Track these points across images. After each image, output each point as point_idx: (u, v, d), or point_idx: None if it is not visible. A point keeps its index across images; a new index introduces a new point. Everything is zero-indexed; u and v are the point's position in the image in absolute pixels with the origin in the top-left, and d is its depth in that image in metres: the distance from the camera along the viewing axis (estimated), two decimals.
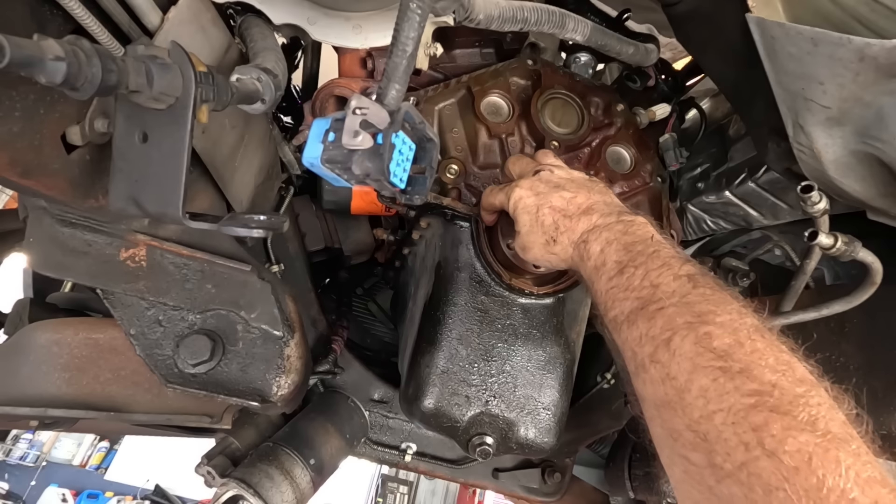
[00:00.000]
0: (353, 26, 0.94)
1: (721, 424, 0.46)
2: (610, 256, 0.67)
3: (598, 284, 0.67)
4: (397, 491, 5.58)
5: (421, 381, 0.96)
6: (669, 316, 0.55)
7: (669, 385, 0.52)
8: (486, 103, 1.10)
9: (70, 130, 0.64)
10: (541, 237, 0.77)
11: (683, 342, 0.52)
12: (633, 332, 0.58)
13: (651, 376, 0.54)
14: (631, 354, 0.58)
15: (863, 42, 0.60)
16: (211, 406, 1.07)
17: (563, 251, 0.75)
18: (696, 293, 0.57)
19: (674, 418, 0.51)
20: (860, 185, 0.82)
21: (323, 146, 0.63)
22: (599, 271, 0.67)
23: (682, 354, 0.52)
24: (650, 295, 0.59)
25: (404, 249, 1.28)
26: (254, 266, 0.95)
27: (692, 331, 0.52)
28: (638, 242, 0.66)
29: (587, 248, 0.70)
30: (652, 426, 0.55)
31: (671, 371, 0.52)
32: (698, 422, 0.48)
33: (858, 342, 1.03)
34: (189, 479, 3.28)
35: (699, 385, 0.49)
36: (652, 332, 0.56)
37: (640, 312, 0.58)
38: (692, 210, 1.47)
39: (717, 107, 1.51)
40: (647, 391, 0.55)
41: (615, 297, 0.63)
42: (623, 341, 0.60)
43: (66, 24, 0.61)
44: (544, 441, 0.98)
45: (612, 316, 0.63)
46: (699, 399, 0.48)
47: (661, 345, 0.54)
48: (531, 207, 0.78)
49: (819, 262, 0.91)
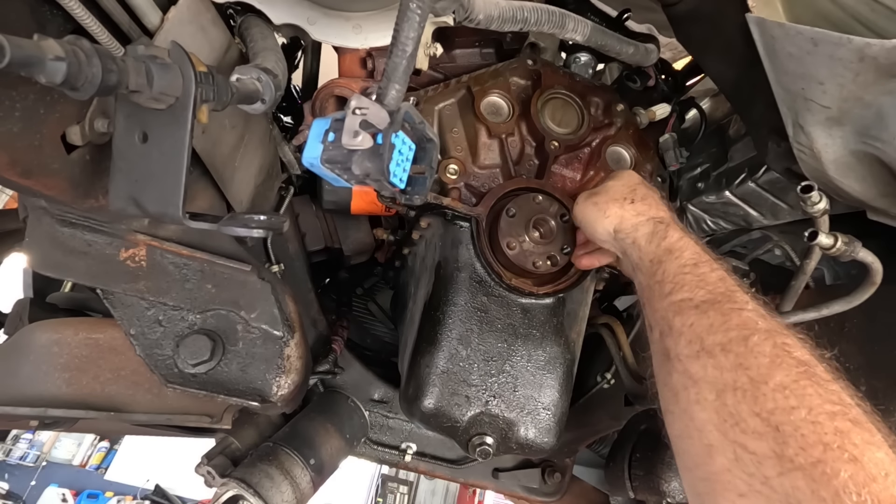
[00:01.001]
0: (353, 26, 0.94)
1: (800, 420, 0.47)
2: (688, 247, 0.71)
3: (669, 265, 0.70)
4: (397, 491, 5.58)
5: (421, 381, 0.96)
6: (747, 318, 0.58)
7: (742, 373, 0.53)
8: (486, 103, 1.10)
9: (70, 130, 0.64)
10: (623, 193, 0.84)
11: (763, 343, 0.54)
12: (704, 319, 0.60)
13: (719, 362, 0.55)
14: (694, 338, 0.59)
15: (863, 42, 0.60)
16: (211, 406, 1.07)
17: (634, 214, 0.80)
18: (769, 311, 0.60)
19: (740, 404, 0.51)
20: (860, 185, 0.82)
21: (323, 146, 0.63)
22: (674, 254, 0.71)
23: (760, 352, 0.53)
24: (726, 295, 0.62)
25: (404, 249, 1.28)
26: (254, 266, 0.95)
27: (771, 336, 0.55)
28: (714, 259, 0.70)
29: (666, 229, 0.75)
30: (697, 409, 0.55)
31: (746, 362, 0.53)
32: (772, 412, 0.49)
33: (858, 342, 1.03)
34: (189, 479, 3.28)
35: (778, 380, 0.50)
36: (727, 326, 0.57)
37: (715, 305, 0.61)
38: (692, 210, 1.47)
39: (717, 107, 1.51)
40: (707, 373, 0.56)
41: (687, 282, 0.66)
42: (688, 324, 0.61)
43: (66, 24, 0.61)
44: (544, 441, 0.98)
45: (678, 298, 0.65)
46: (777, 393, 0.49)
47: (736, 339, 0.56)
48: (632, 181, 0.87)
49: (819, 262, 0.90)
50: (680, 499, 1.21)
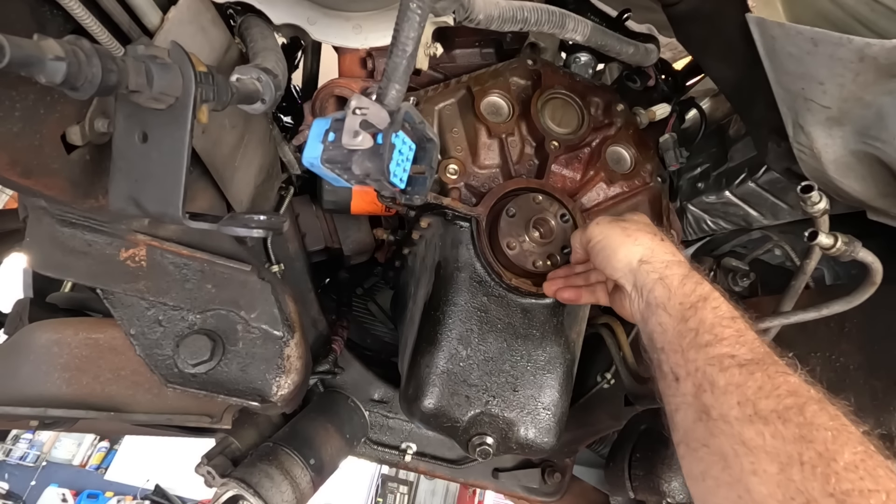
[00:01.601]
0: (353, 26, 0.94)
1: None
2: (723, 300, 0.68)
3: (704, 313, 0.66)
4: (397, 491, 5.58)
5: (421, 382, 0.96)
6: (796, 385, 0.56)
7: (807, 447, 0.50)
8: (486, 103, 1.10)
9: (70, 130, 0.64)
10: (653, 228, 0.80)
11: (820, 414, 0.52)
12: (752, 381, 0.57)
13: (777, 430, 0.53)
14: (744, 400, 0.57)
15: (863, 42, 0.60)
16: (211, 406, 1.07)
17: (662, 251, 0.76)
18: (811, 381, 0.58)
19: (811, 482, 0.49)
20: (860, 185, 0.82)
21: (323, 146, 0.63)
22: (710, 303, 0.67)
23: (821, 424, 0.51)
24: (769, 356, 0.60)
25: (404, 249, 1.28)
26: (254, 266, 0.95)
27: (824, 407, 0.53)
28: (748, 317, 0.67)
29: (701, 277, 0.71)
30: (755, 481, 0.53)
31: (809, 434, 0.51)
32: (848, 493, 0.47)
33: (858, 342, 1.03)
34: (189, 479, 3.28)
35: (848, 459, 0.48)
36: (779, 392, 0.55)
37: (761, 366, 0.58)
38: (692, 210, 1.47)
39: (717, 107, 1.51)
40: (766, 443, 0.53)
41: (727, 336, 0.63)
42: (734, 384, 0.58)
43: (66, 24, 0.61)
44: (544, 441, 0.98)
45: (718, 352, 0.62)
46: (850, 472, 0.47)
47: (792, 406, 0.53)
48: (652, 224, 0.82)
49: (819, 262, 0.90)
50: (680, 499, 1.21)
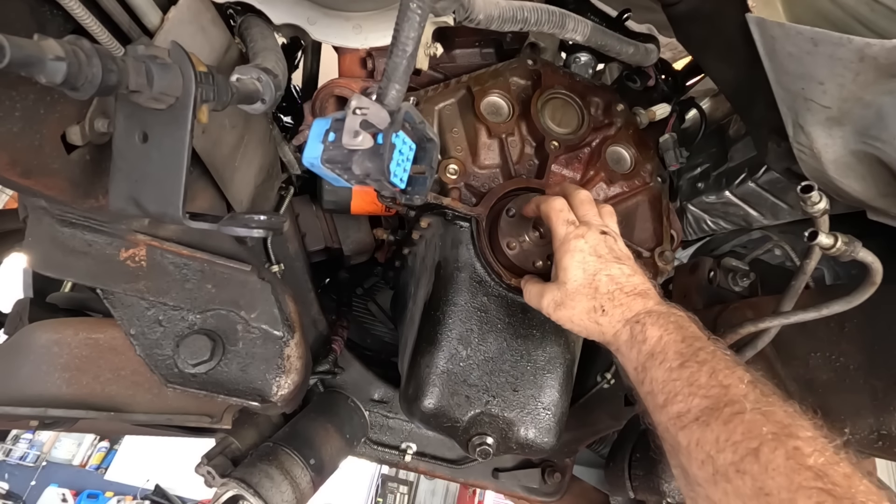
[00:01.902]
0: (353, 26, 0.94)
1: None
2: (670, 346, 0.66)
3: (655, 372, 0.65)
4: (397, 491, 5.58)
5: (421, 382, 0.96)
6: (751, 423, 0.53)
7: (765, 501, 0.49)
8: (486, 103, 1.10)
9: (70, 130, 0.64)
10: (589, 301, 0.76)
11: (774, 455, 0.50)
12: (708, 434, 0.56)
13: (737, 488, 0.51)
14: (705, 458, 0.55)
15: (863, 42, 0.60)
16: (211, 406, 1.07)
17: (610, 325, 0.74)
18: (769, 401, 0.56)
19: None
20: (860, 185, 0.82)
21: (323, 146, 0.63)
22: (657, 358, 0.66)
23: (775, 469, 0.49)
24: (722, 395, 0.57)
25: (404, 249, 1.28)
26: (254, 266, 0.95)
27: (780, 443, 0.51)
28: (697, 338, 0.66)
29: (643, 330, 0.69)
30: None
31: (765, 486, 0.49)
32: None
33: (858, 342, 1.03)
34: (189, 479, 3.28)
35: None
36: (733, 439, 0.53)
37: (714, 413, 0.56)
38: (692, 210, 1.48)
39: (717, 107, 1.51)
40: (730, 502, 0.52)
41: (678, 390, 0.61)
42: (694, 442, 0.57)
43: (66, 24, 0.61)
44: (544, 441, 0.98)
45: (674, 411, 0.61)
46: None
47: (748, 454, 0.52)
48: (589, 267, 0.77)
49: (819, 262, 0.91)
50: (680, 499, 1.21)
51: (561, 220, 0.83)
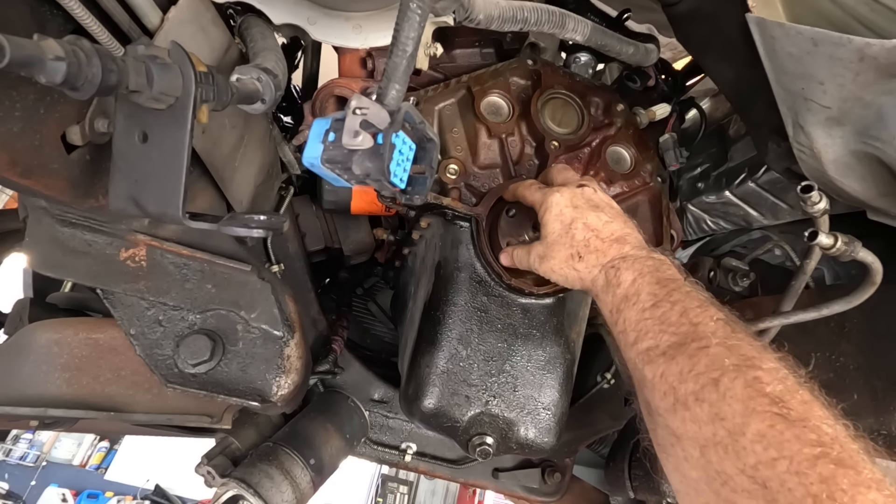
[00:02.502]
0: (353, 26, 0.94)
1: (784, 473, 0.45)
2: (644, 287, 0.67)
3: (629, 313, 0.66)
4: (397, 491, 5.58)
5: (421, 382, 0.96)
6: (714, 356, 0.54)
7: (720, 426, 0.50)
8: (486, 103, 1.10)
9: (70, 130, 0.64)
10: (567, 249, 0.78)
11: (734, 384, 0.51)
12: (673, 367, 0.57)
13: (695, 414, 0.53)
14: (668, 389, 0.57)
15: (863, 42, 0.60)
16: (211, 406, 1.07)
17: (586, 270, 0.75)
18: (737, 337, 0.57)
19: (724, 461, 0.49)
20: (860, 185, 0.82)
21: (323, 146, 0.63)
22: (631, 300, 0.67)
23: (733, 396, 0.50)
24: (690, 332, 0.58)
25: (404, 249, 1.28)
26: (254, 266, 0.94)
27: (741, 373, 0.52)
28: (671, 280, 0.67)
29: (617, 274, 0.70)
30: (687, 466, 0.54)
31: (721, 411, 0.50)
32: (756, 468, 0.46)
33: (858, 342, 1.03)
34: (189, 479, 3.28)
35: (756, 429, 0.48)
36: (696, 370, 0.54)
37: (681, 348, 0.58)
38: (692, 210, 1.48)
39: (717, 107, 1.51)
40: (687, 429, 0.53)
41: (649, 328, 0.63)
42: (658, 374, 0.58)
43: (66, 24, 0.61)
44: (544, 441, 0.98)
45: (644, 347, 0.62)
46: (757, 443, 0.47)
47: (707, 384, 0.53)
48: (566, 218, 0.79)
49: (819, 262, 0.90)
50: None
51: (533, 190, 0.86)
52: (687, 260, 1.63)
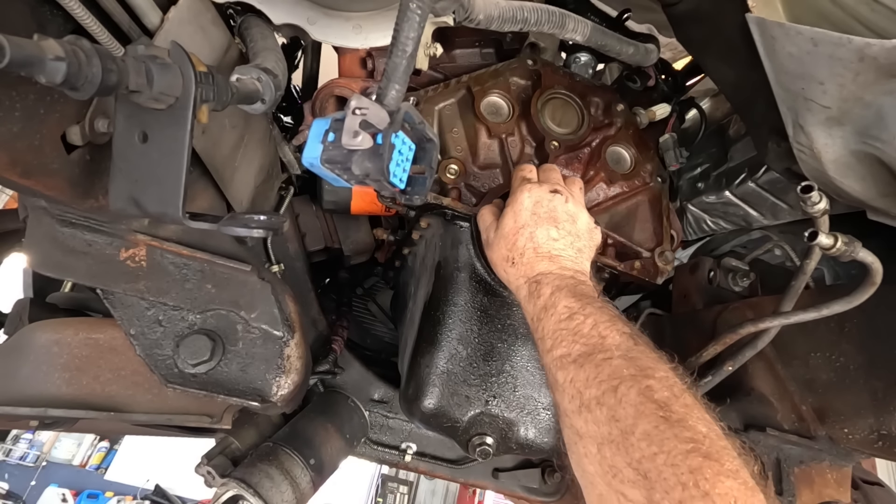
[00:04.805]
0: (353, 26, 0.94)
1: (662, 465, 0.52)
2: (560, 300, 0.74)
3: (546, 323, 0.73)
4: (397, 491, 5.57)
5: (421, 382, 0.96)
6: (616, 367, 0.62)
7: (614, 426, 0.58)
8: (486, 103, 1.10)
9: (70, 130, 0.64)
10: (505, 251, 0.85)
11: (629, 391, 0.59)
12: (581, 374, 0.64)
13: (595, 416, 0.60)
14: (575, 393, 0.64)
15: (863, 42, 0.60)
16: (211, 406, 1.07)
17: (514, 277, 0.83)
18: (637, 350, 0.65)
19: (616, 456, 0.56)
20: (860, 185, 0.82)
21: (323, 146, 0.63)
22: (549, 311, 0.74)
23: (627, 401, 0.58)
24: (598, 344, 0.66)
25: (404, 249, 1.28)
26: (254, 266, 0.94)
27: (636, 382, 0.59)
28: (587, 296, 0.74)
29: (538, 287, 0.78)
30: (586, 462, 0.61)
31: (617, 414, 0.58)
32: (640, 461, 0.53)
33: (858, 342, 1.03)
34: (189, 479, 3.28)
35: (643, 429, 0.55)
36: (600, 378, 0.62)
37: (589, 358, 0.65)
38: (692, 210, 1.48)
39: (717, 107, 1.51)
40: (589, 428, 0.61)
41: (564, 338, 0.70)
42: (569, 379, 0.66)
43: (66, 24, 0.61)
44: (544, 441, 0.97)
45: (558, 354, 0.69)
46: (642, 441, 0.54)
47: (608, 390, 0.60)
48: (520, 220, 0.85)
49: (819, 262, 0.91)
50: None
51: (519, 176, 0.92)
52: (687, 260, 1.63)
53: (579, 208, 0.88)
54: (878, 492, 1.36)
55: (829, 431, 1.08)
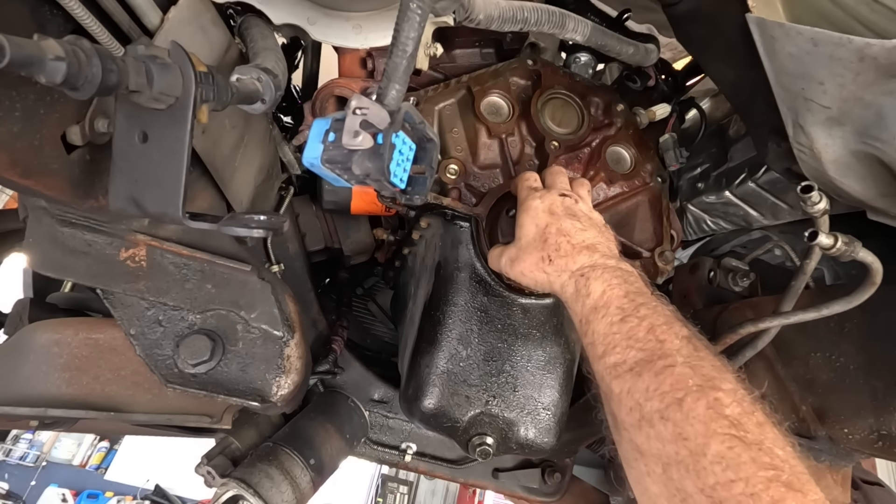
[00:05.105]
0: (353, 26, 0.94)
1: (740, 494, 0.47)
2: (613, 301, 0.68)
3: (597, 325, 0.68)
4: (397, 491, 5.58)
5: (421, 382, 0.96)
6: (679, 375, 0.57)
7: (682, 445, 0.52)
8: (486, 103, 1.10)
9: (70, 130, 0.64)
10: (538, 252, 0.79)
11: (696, 405, 0.53)
12: (640, 383, 0.59)
13: (659, 432, 0.55)
14: (634, 405, 0.59)
15: (863, 42, 0.60)
16: (211, 406, 1.07)
17: (556, 274, 0.77)
18: (699, 356, 0.59)
19: (685, 479, 0.51)
20: (860, 185, 0.82)
21: (323, 146, 0.63)
22: (600, 312, 0.68)
23: (695, 417, 0.53)
24: (657, 349, 0.60)
25: (404, 249, 1.28)
26: (254, 266, 0.94)
27: (703, 394, 0.54)
28: (639, 293, 0.68)
29: (587, 284, 0.72)
30: (649, 482, 0.56)
31: (684, 431, 0.53)
32: (714, 488, 0.49)
33: (858, 342, 1.03)
34: (189, 479, 3.28)
35: (716, 451, 0.50)
36: (662, 389, 0.57)
37: (648, 366, 0.59)
38: (692, 210, 1.48)
39: (717, 107, 1.51)
40: (651, 446, 0.56)
41: (617, 343, 0.64)
42: (626, 390, 0.60)
43: (66, 24, 0.61)
44: (544, 441, 0.98)
45: (612, 361, 0.64)
46: (716, 465, 0.49)
47: (672, 403, 0.55)
48: (541, 222, 0.81)
49: (819, 262, 0.91)
50: None
51: (525, 187, 0.88)
52: (687, 260, 1.63)
53: (590, 204, 0.87)
54: (878, 492, 1.36)
55: (829, 431, 1.08)
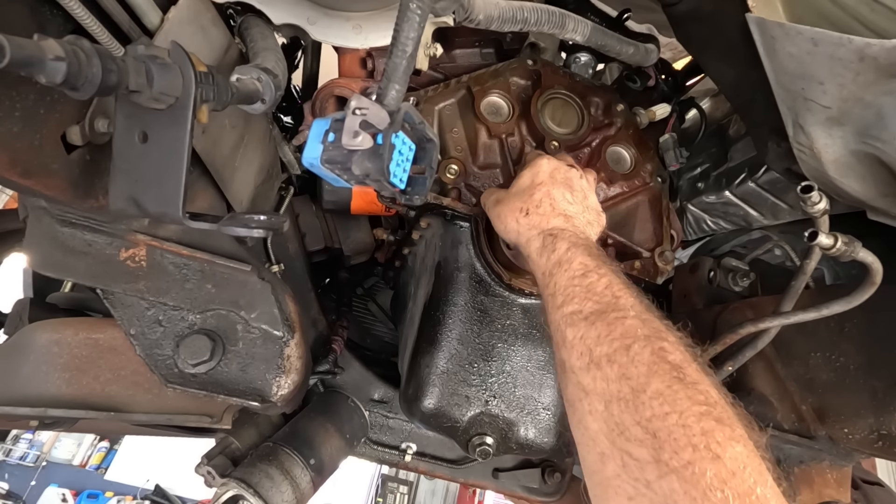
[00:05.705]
0: (353, 26, 0.94)
1: (673, 425, 0.50)
2: (576, 257, 0.73)
3: (559, 278, 0.72)
4: (397, 491, 5.57)
5: (421, 382, 0.96)
6: (629, 326, 0.61)
7: (625, 384, 0.56)
8: (486, 103, 1.10)
9: (70, 130, 0.64)
10: (520, 202, 0.83)
11: (643, 350, 0.58)
12: (592, 331, 0.63)
13: (605, 373, 0.59)
14: (584, 350, 0.63)
15: (863, 42, 0.60)
16: (211, 406, 1.07)
17: (526, 227, 0.81)
18: (650, 313, 0.64)
19: (624, 413, 0.55)
20: (860, 185, 0.82)
21: (323, 146, 0.63)
22: (563, 266, 0.73)
23: (640, 360, 0.57)
24: (612, 303, 0.65)
25: (404, 249, 1.28)
26: (254, 266, 0.94)
27: (650, 342, 0.58)
28: (601, 257, 0.73)
29: (554, 241, 0.76)
30: (590, 419, 0.59)
31: (629, 372, 0.57)
32: (650, 420, 0.52)
33: (858, 342, 1.03)
34: (189, 479, 3.28)
35: (655, 388, 0.54)
36: (612, 336, 0.61)
37: (602, 316, 0.64)
38: (692, 210, 1.48)
39: (717, 107, 1.51)
40: (597, 385, 0.59)
41: (576, 294, 0.68)
42: (579, 336, 0.64)
43: (66, 24, 0.61)
44: (544, 441, 0.98)
45: (569, 310, 0.68)
46: (654, 400, 0.53)
47: (620, 348, 0.59)
48: (537, 179, 0.85)
49: (819, 262, 0.90)
50: None
51: (534, 153, 0.92)
52: (687, 260, 1.63)
53: (591, 189, 0.89)
54: (878, 492, 1.36)
55: (829, 431, 1.08)
